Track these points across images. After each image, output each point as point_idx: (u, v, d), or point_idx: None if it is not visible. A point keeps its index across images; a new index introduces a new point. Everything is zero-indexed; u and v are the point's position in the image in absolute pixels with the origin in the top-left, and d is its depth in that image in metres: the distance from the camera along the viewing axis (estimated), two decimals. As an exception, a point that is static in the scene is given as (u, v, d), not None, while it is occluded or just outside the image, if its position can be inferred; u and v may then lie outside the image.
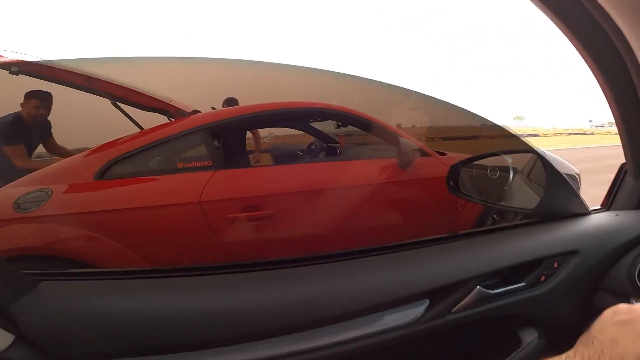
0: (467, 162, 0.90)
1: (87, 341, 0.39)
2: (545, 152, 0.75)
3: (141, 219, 1.48)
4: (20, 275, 0.40)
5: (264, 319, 0.41)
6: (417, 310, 0.50)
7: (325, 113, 2.07)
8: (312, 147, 3.20)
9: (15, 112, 2.16)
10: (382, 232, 1.77)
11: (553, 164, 0.71)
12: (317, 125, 3.39)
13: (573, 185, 0.72)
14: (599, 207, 0.73)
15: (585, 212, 0.68)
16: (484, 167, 1.11)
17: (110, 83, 1.96)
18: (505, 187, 1.10)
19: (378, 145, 2.54)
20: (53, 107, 1.89)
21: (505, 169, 1.18)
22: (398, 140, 1.80)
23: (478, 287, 0.54)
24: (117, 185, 1.54)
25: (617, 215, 0.65)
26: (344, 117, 2.06)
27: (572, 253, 0.59)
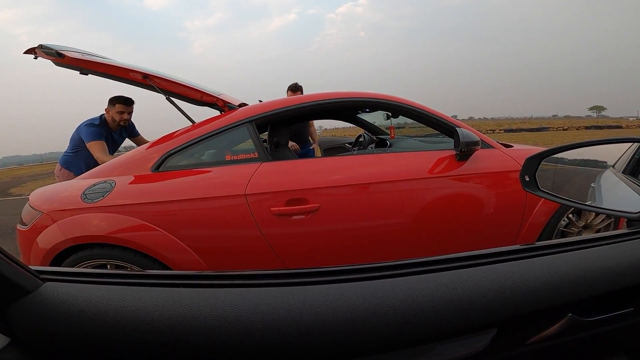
0: (547, 154, 0.75)
1: (87, 350, 0.35)
2: None
3: (189, 211, 1.52)
4: (25, 275, 0.37)
5: (285, 343, 0.34)
6: (479, 341, 0.40)
7: (374, 103, 1.95)
8: (361, 139, 3.09)
9: (101, 114, 2.46)
10: (435, 234, 1.62)
11: None
12: (367, 117, 3.28)
13: None
14: None
15: None
16: (562, 161, 0.94)
17: (165, 79, 2.05)
18: (594, 185, 0.92)
19: (433, 137, 2.36)
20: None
21: (591, 163, 0.99)
22: (456, 130, 1.62)
23: (570, 314, 0.42)
24: (170, 177, 1.60)
25: None
26: (394, 107, 1.92)
27: None
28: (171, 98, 2.09)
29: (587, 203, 0.78)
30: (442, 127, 1.82)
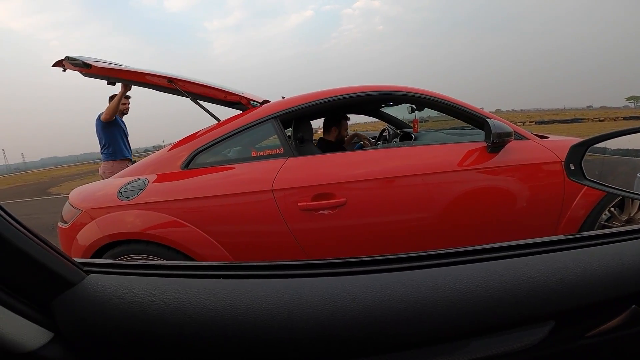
0: (593, 142, 0.70)
1: (131, 344, 0.35)
2: None
3: (218, 207, 1.55)
4: (69, 267, 0.37)
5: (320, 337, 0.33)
6: (536, 333, 0.38)
7: (399, 96, 1.90)
8: (385, 133, 3.04)
9: None
10: (467, 228, 1.57)
11: None
12: (390, 111, 3.22)
13: None
14: None
15: None
16: (604, 151, 0.88)
17: (189, 82, 2.09)
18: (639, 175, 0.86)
19: (459, 130, 2.28)
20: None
21: (635, 152, 0.92)
22: (487, 122, 1.56)
23: (634, 306, 0.39)
24: (199, 174, 1.64)
25: None
26: (419, 100, 1.87)
27: None
28: (197, 100, 2.14)
29: (636, 192, 0.72)
30: (472, 118, 1.76)
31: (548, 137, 1.74)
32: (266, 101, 2.21)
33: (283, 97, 1.92)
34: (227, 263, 0.45)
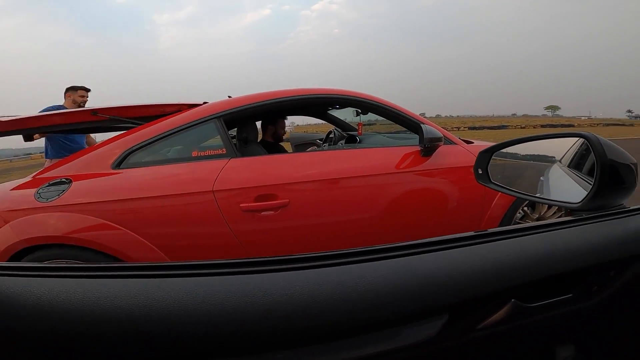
0: (498, 148, 0.80)
1: (35, 348, 0.33)
2: (599, 137, 0.64)
3: (155, 208, 1.47)
4: None
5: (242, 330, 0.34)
6: (432, 327, 0.41)
7: (344, 100, 1.97)
8: (331, 135, 3.12)
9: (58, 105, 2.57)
10: (399, 226, 1.68)
11: (605, 149, 0.60)
12: (338, 114, 3.31)
13: (629, 177, 0.60)
14: None
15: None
16: (515, 156, 1.01)
17: (117, 108, 1.83)
18: (542, 178, 0.99)
19: (400, 134, 2.43)
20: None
21: (539, 158, 1.06)
22: (420, 127, 1.68)
23: (513, 300, 0.44)
24: (133, 174, 1.54)
25: None
26: (362, 104, 1.96)
27: (632, 260, 0.48)
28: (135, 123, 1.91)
29: (534, 194, 0.83)
30: (408, 123, 1.88)
31: (473, 142, 1.93)
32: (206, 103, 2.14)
33: (230, 97, 1.88)
34: (142, 264, 0.43)
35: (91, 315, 0.34)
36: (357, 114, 2.62)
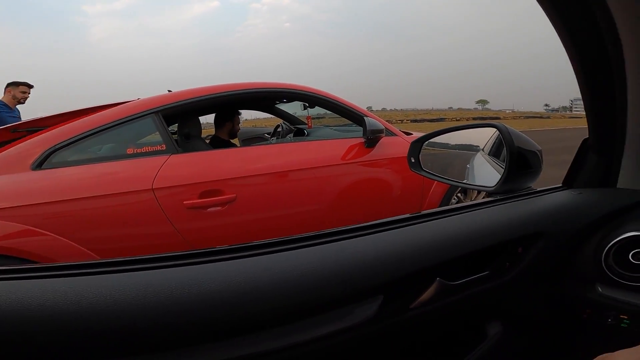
0: (427, 138, 0.87)
1: None
2: (508, 127, 0.72)
3: (86, 210, 1.35)
4: None
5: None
6: (369, 309, 0.43)
7: (291, 94, 1.98)
8: (279, 129, 3.10)
9: None
10: (346, 215, 1.74)
11: (514, 138, 0.68)
12: (286, 108, 3.29)
13: (535, 162, 0.69)
14: (560, 185, 0.69)
15: (548, 191, 0.64)
16: (446, 145, 1.10)
17: (43, 119, 1.71)
18: (468, 165, 1.09)
19: (347, 127, 2.50)
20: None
21: (467, 147, 1.17)
22: (364, 119, 1.75)
23: (438, 279, 0.47)
24: (57, 174, 1.39)
25: (580, 193, 0.61)
26: (309, 98, 1.98)
27: (536, 236, 0.53)
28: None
29: (460, 180, 0.92)
30: (353, 116, 1.95)
31: (412, 134, 2.06)
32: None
33: (169, 91, 1.78)
34: (70, 263, 0.41)
35: (19, 316, 0.32)
36: (305, 108, 2.65)
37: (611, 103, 0.53)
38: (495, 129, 0.86)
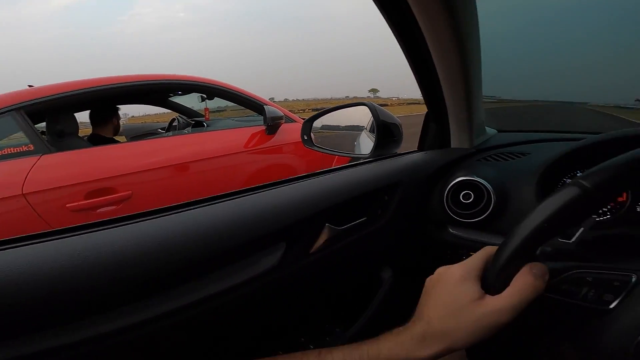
0: (316, 117, 0.97)
1: None
2: (375, 105, 0.87)
3: None
4: None
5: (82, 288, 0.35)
6: (274, 256, 0.48)
7: (186, 85, 1.90)
8: (175, 123, 2.92)
9: None
10: None
11: (379, 114, 0.83)
12: (181, 100, 3.09)
13: (397, 132, 0.85)
14: (415, 149, 0.87)
15: (406, 154, 0.80)
16: (337, 127, 1.23)
17: None
18: (355, 142, 1.24)
19: (249, 117, 2.51)
20: None
21: (355, 128, 1.33)
22: (263, 107, 1.81)
23: (327, 224, 0.55)
24: None
25: (426, 153, 0.79)
26: (206, 89, 1.93)
27: (396, 184, 0.66)
28: None
29: (343, 151, 1.05)
30: (253, 105, 1.98)
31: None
32: None
33: (30, 86, 1.51)
34: None
35: None
36: (202, 100, 2.55)
37: (433, 87, 0.70)
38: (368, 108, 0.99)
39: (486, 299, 0.32)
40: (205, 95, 2.37)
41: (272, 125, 1.79)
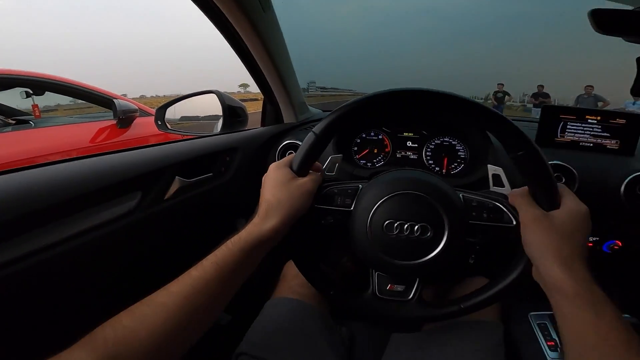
0: (169, 105, 1.06)
1: None
2: (221, 92, 1.03)
3: None
4: None
5: None
6: (130, 203, 0.57)
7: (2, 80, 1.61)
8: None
9: None
10: None
11: (225, 99, 1.00)
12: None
13: (242, 114, 1.03)
14: (259, 126, 1.06)
15: (249, 129, 0.99)
16: (197, 118, 1.32)
17: None
18: (214, 129, 1.37)
19: (94, 114, 2.27)
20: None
21: (215, 117, 1.46)
22: (113, 101, 1.72)
23: (176, 177, 0.65)
24: None
25: (265, 128, 0.99)
26: (35, 83, 1.69)
27: (235, 149, 0.83)
28: None
29: (197, 132, 1.16)
30: (101, 100, 1.84)
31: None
32: None
33: None
34: None
35: None
36: (28, 96, 2.16)
37: (262, 79, 0.90)
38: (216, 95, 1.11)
39: (297, 178, 0.47)
40: (30, 91, 2.03)
41: (125, 118, 1.72)
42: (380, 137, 0.87)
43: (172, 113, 1.12)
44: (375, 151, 0.86)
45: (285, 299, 0.63)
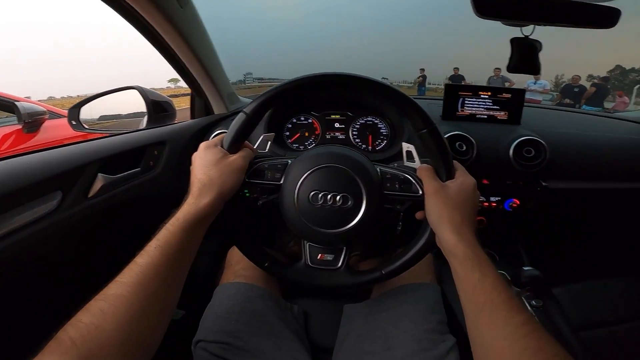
0: (83, 103, 0.99)
1: None
2: (144, 87, 0.99)
3: None
4: None
5: None
6: (51, 203, 0.54)
7: None
8: None
9: None
10: None
11: (148, 94, 0.96)
12: None
13: (169, 107, 1.00)
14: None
15: (177, 122, 0.96)
16: (119, 116, 1.24)
17: None
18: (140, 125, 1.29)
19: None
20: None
21: (140, 114, 1.37)
22: (15, 105, 1.52)
23: (99, 174, 0.63)
24: None
25: (194, 120, 0.96)
26: None
27: (163, 142, 0.81)
28: None
29: (116, 129, 1.10)
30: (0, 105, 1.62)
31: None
32: None
33: None
34: None
35: None
36: None
37: (187, 74, 0.88)
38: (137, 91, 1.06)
39: (228, 155, 0.49)
40: None
41: (32, 122, 1.53)
42: (309, 120, 0.92)
43: (89, 113, 1.04)
44: (307, 134, 0.90)
45: (232, 283, 0.65)
